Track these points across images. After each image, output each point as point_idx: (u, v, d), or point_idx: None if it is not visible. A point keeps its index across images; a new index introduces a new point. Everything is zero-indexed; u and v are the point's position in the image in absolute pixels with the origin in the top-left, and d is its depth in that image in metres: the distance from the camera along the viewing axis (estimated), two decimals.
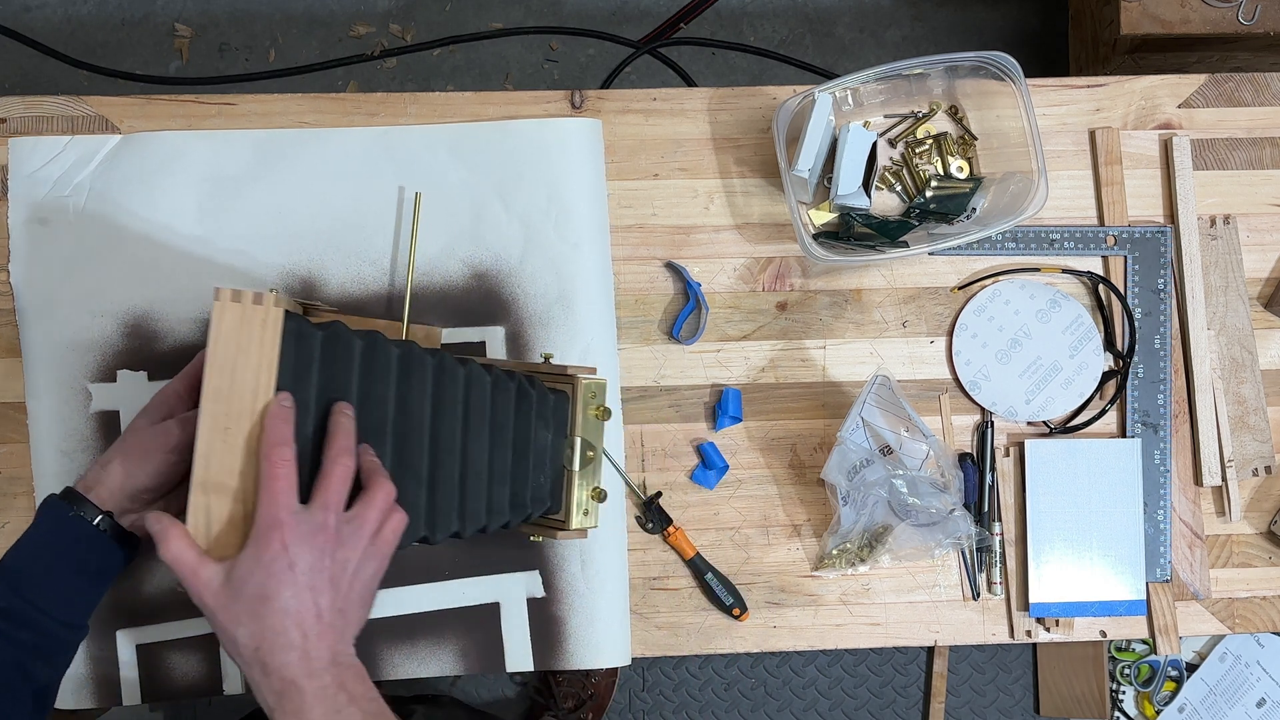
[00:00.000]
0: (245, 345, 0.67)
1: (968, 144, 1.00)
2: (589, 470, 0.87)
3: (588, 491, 0.87)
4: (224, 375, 0.66)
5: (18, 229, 0.94)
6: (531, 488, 0.85)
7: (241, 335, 0.66)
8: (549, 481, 0.86)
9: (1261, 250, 1.02)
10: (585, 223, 0.97)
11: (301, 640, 0.65)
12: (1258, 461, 1.00)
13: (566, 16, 1.82)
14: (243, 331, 0.67)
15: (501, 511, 0.83)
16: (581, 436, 0.86)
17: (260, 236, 0.95)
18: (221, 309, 0.66)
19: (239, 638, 0.64)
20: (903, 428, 0.95)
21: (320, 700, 0.64)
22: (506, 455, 0.83)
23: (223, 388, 0.66)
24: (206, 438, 0.66)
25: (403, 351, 0.76)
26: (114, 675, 0.92)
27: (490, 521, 0.82)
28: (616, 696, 1.67)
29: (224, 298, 0.66)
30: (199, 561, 0.65)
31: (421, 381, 0.77)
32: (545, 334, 0.96)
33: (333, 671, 0.65)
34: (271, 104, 0.98)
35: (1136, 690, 1.65)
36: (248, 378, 0.67)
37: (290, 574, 0.64)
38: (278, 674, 0.64)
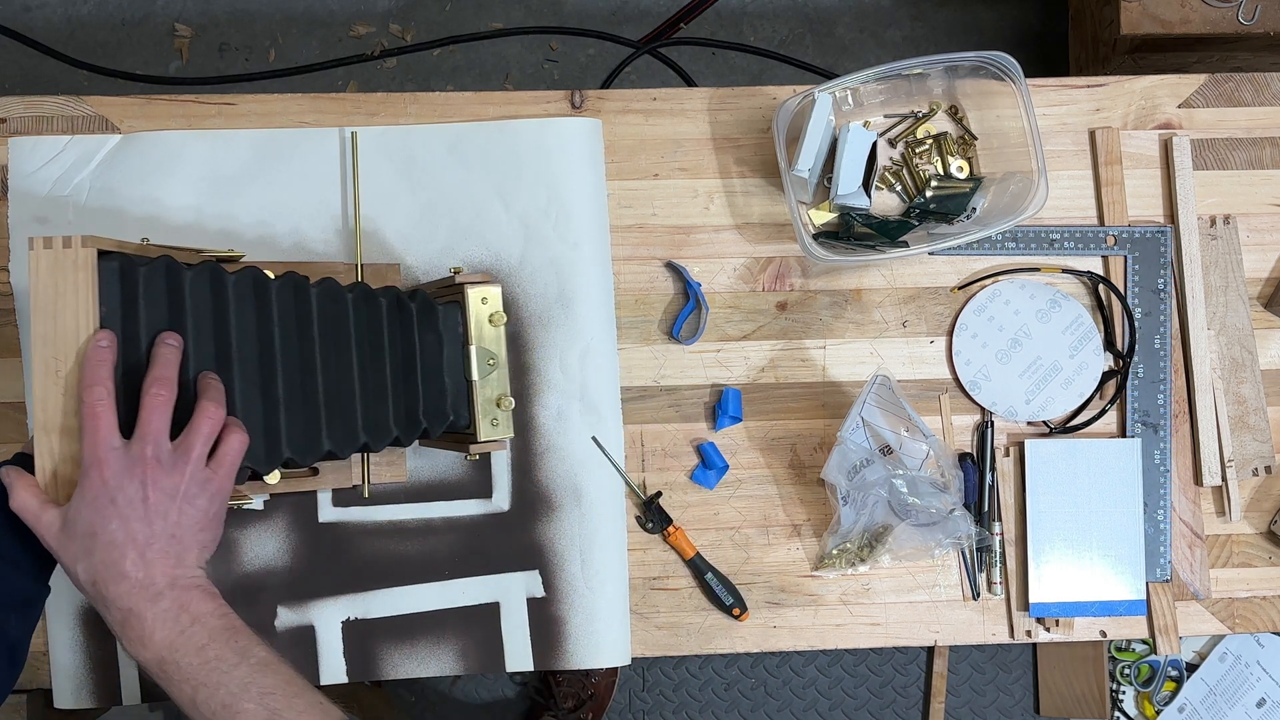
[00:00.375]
0: (62, 288, 0.69)
1: (968, 144, 1.00)
2: (491, 379, 0.86)
3: (493, 400, 0.86)
4: (47, 320, 0.69)
5: (18, 229, 0.94)
6: (425, 401, 0.85)
7: (58, 279, 0.69)
8: (451, 395, 0.87)
9: (1261, 250, 1.02)
10: (585, 223, 0.97)
11: (134, 569, 0.66)
12: (1258, 461, 1.00)
13: (566, 16, 1.82)
14: (58, 275, 0.69)
15: (386, 428, 0.83)
16: (478, 345, 0.85)
17: (260, 236, 0.95)
18: (36, 257, 0.69)
19: (79, 574, 0.66)
20: (903, 428, 0.95)
21: (162, 623, 0.66)
22: (384, 371, 0.83)
23: (48, 332, 0.69)
24: (40, 381, 0.69)
25: (238, 278, 0.76)
26: (114, 675, 0.93)
27: (374, 439, 0.82)
28: (616, 696, 1.67)
29: (37, 246, 0.69)
30: (41, 508, 0.67)
31: (266, 306, 0.77)
32: (545, 333, 0.96)
33: (171, 595, 0.67)
34: (271, 104, 0.98)
35: (1136, 690, 1.65)
36: (68, 320, 0.69)
37: (113, 508, 0.66)
38: (115, 604, 0.66)
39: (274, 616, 0.93)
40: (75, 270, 0.69)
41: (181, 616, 0.67)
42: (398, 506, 0.95)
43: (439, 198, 0.97)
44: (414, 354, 0.85)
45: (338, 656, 0.94)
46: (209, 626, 0.67)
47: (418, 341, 0.85)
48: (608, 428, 0.96)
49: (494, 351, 0.86)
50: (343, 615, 0.94)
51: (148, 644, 0.66)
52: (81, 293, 0.69)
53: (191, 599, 0.68)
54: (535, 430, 0.96)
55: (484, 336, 0.86)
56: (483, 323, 0.86)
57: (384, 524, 0.95)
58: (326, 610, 0.94)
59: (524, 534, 0.95)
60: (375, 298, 0.84)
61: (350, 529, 0.95)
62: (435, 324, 0.86)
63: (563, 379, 0.96)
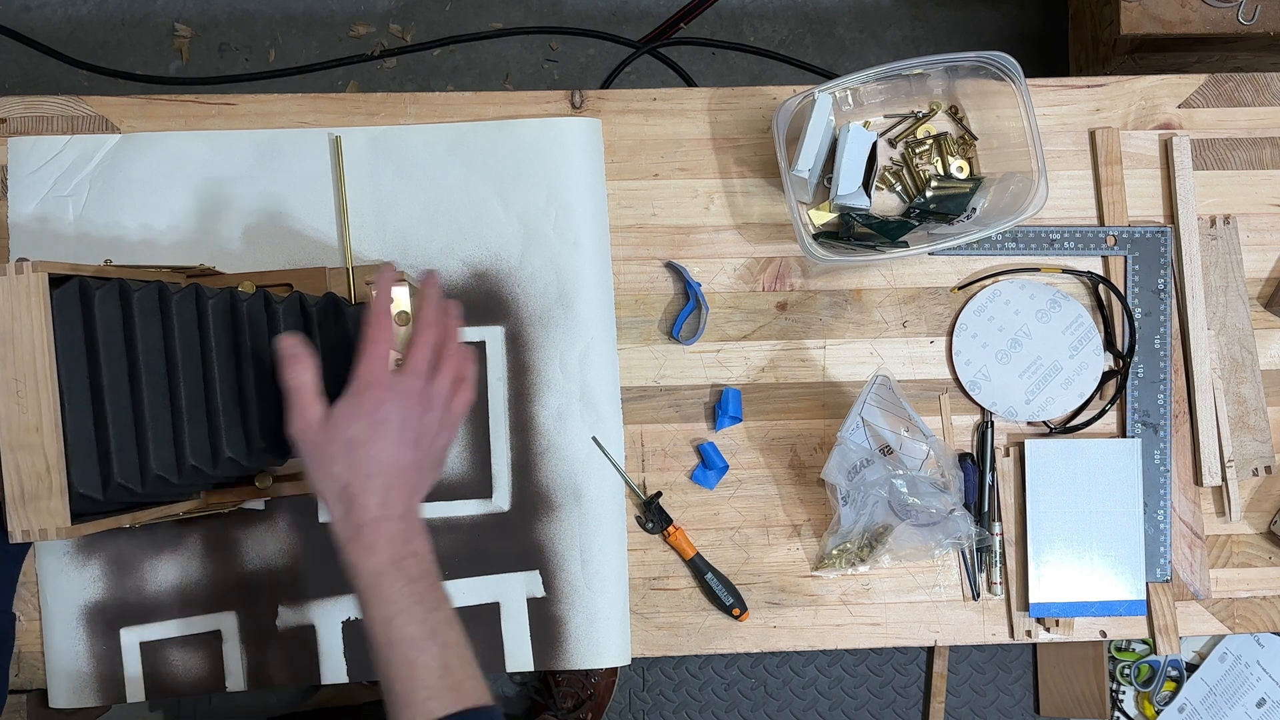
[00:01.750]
0: (18, 312, 0.72)
1: (968, 144, 1.00)
2: None
3: None
4: (5, 343, 0.72)
5: (18, 229, 0.94)
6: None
7: (13, 303, 0.72)
8: None
9: (1261, 250, 1.02)
10: (585, 222, 0.97)
11: (384, 488, 0.71)
12: (1258, 461, 1.00)
13: (566, 16, 1.82)
14: (13, 300, 0.72)
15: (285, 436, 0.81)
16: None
17: (259, 236, 0.95)
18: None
19: (332, 472, 0.70)
20: (903, 428, 0.95)
21: (390, 544, 0.70)
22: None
23: (6, 355, 0.72)
24: (4, 402, 0.72)
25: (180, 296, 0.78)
26: (117, 673, 0.93)
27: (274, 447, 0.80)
28: (616, 696, 1.67)
29: None
30: (315, 396, 0.72)
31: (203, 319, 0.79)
32: (545, 333, 0.96)
33: (404, 523, 0.71)
34: (271, 104, 0.98)
35: (1136, 690, 1.65)
36: (24, 340, 0.72)
37: (383, 428, 0.71)
38: (359, 512, 0.70)
39: (275, 616, 0.94)
40: (28, 294, 0.72)
41: (406, 545, 0.71)
42: None
43: (439, 198, 0.97)
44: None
45: (338, 656, 0.94)
46: (423, 563, 0.71)
47: (319, 345, 0.82)
48: (608, 428, 0.96)
49: (402, 353, 0.83)
50: (343, 615, 0.94)
51: (374, 554, 0.69)
52: (35, 315, 0.72)
53: (415, 532, 0.72)
54: (535, 430, 0.96)
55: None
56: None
57: None
58: (327, 610, 0.94)
59: (524, 534, 0.95)
60: (271, 304, 0.82)
61: None
62: (345, 326, 0.83)
63: (563, 379, 0.96)
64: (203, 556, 0.94)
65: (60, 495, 0.73)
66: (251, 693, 0.97)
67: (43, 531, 0.73)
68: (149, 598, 0.93)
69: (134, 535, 0.93)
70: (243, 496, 0.90)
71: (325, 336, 0.83)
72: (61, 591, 0.93)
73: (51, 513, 0.73)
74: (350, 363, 0.75)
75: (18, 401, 0.72)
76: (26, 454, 0.73)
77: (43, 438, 0.72)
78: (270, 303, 0.82)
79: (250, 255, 0.95)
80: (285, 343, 0.73)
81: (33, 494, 0.73)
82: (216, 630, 0.93)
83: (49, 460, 0.72)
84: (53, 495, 0.73)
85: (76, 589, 0.93)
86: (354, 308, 0.85)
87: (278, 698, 1.62)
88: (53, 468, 0.73)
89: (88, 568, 0.93)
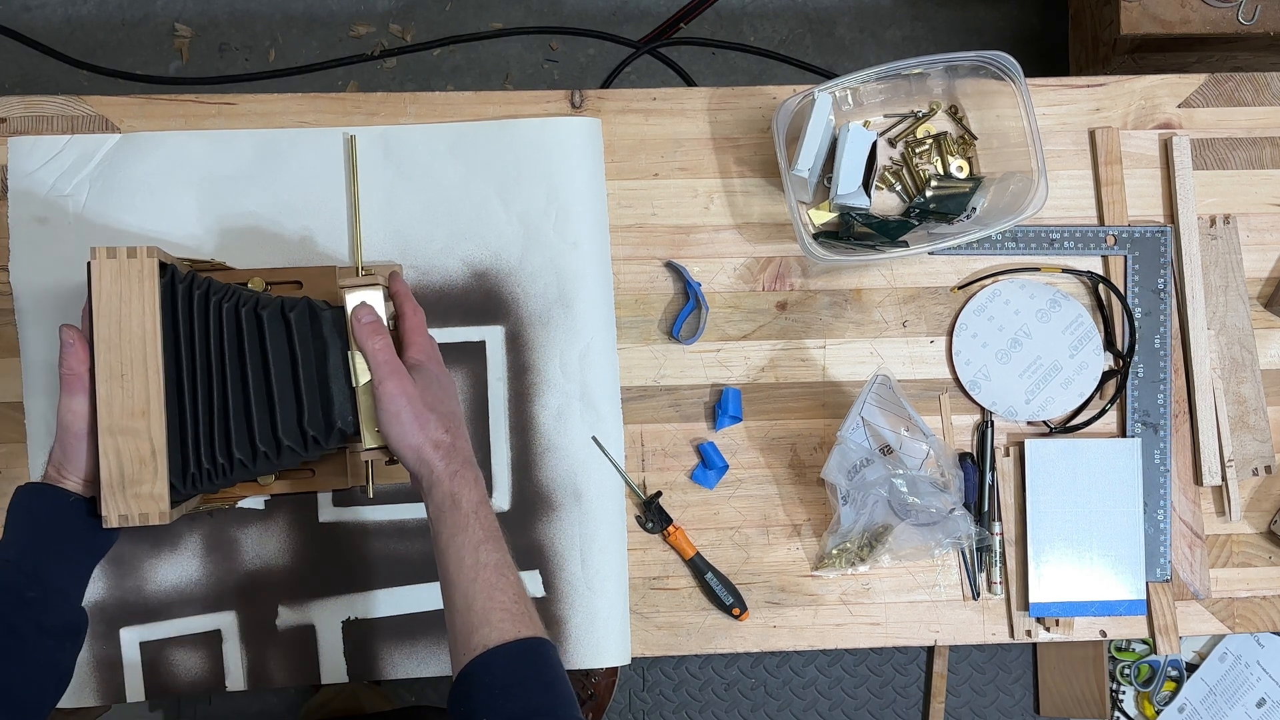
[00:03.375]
0: (127, 295, 0.74)
1: (968, 144, 1.00)
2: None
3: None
4: (112, 326, 0.74)
5: (18, 229, 0.94)
6: (309, 410, 0.82)
7: (122, 287, 0.74)
8: (338, 403, 0.83)
9: (1261, 250, 1.02)
10: (585, 222, 0.97)
11: (465, 437, 0.81)
12: (1258, 461, 1.00)
13: (566, 16, 1.82)
14: (123, 283, 0.74)
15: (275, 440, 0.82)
16: (359, 351, 0.81)
17: (260, 235, 0.95)
18: (100, 265, 0.74)
19: (430, 421, 0.78)
20: (903, 427, 0.95)
21: (479, 483, 0.78)
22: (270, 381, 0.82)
23: (112, 337, 0.74)
24: (106, 385, 0.74)
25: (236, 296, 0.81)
26: (118, 672, 0.93)
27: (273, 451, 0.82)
28: (616, 696, 1.67)
29: (100, 255, 0.74)
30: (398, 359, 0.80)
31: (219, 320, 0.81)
32: (545, 333, 0.96)
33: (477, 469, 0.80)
34: (271, 104, 0.98)
35: (1136, 690, 1.65)
36: (134, 324, 0.74)
37: (446, 391, 0.82)
38: (459, 454, 0.79)
39: (275, 615, 0.94)
40: (141, 280, 0.74)
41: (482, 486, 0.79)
42: (398, 506, 0.95)
43: (439, 198, 0.97)
44: (294, 363, 0.82)
45: (338, 656, 0.94)
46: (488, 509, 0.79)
47: (298, 350, 0.82)
48: (608, 427, 0.96)
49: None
50: (343, 615, 0.94)
51: (474, 488, 0.77)
52: (148, 299, 0.74)
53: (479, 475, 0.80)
54: (535, 430, 0.96)
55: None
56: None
57: (384, 524, 0.95)
58: (327, 610, 0.94)
59: (524, 534, 0.95)
60: (259, 308, 0.82)
61: (350, 529, 0.95)
62: (320, 330, 0.83)
63: (562, 379, 0.96)
64: (202, 556, 0.94)
65: (164, 480, 0.75)
66: (251, 693, 0.97)
67: (143, 516, 0.75)
68: (149, 597, 0.93)
69: (134, 535, 0.93)
70: (247, 492, 0.91)
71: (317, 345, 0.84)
72: None
73: (154, 498, 0.75)
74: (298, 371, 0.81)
75: (122, 385, 0.74)
76: (129, 438, 0.74)
77: (149, 422, 0.74)
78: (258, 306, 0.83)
79: (250, 254, 0.95)
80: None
81: (134, 479, 0.74)
82: (216, 630, 0.93)
83: (154, 445, 0.74)
84: (156, 480, 0.75)
85: None
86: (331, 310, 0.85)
87: (278, 698, 1.62)
88: (158, 452, 0.75)
89: None
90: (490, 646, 0.70)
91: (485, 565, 0.74)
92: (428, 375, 0.81)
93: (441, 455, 0.77)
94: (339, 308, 0.84)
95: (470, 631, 0.72)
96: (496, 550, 0.75)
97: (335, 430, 0.83)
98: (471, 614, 0.72)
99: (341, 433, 0.84)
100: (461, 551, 0.74)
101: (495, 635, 0.71)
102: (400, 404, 0.78)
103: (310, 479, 0.92)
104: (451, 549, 0.75)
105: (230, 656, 0.93)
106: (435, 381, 0.81)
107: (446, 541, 0.75)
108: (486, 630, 0.71)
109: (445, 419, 0.79)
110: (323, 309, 0.84)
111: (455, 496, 0.76)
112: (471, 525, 0.75)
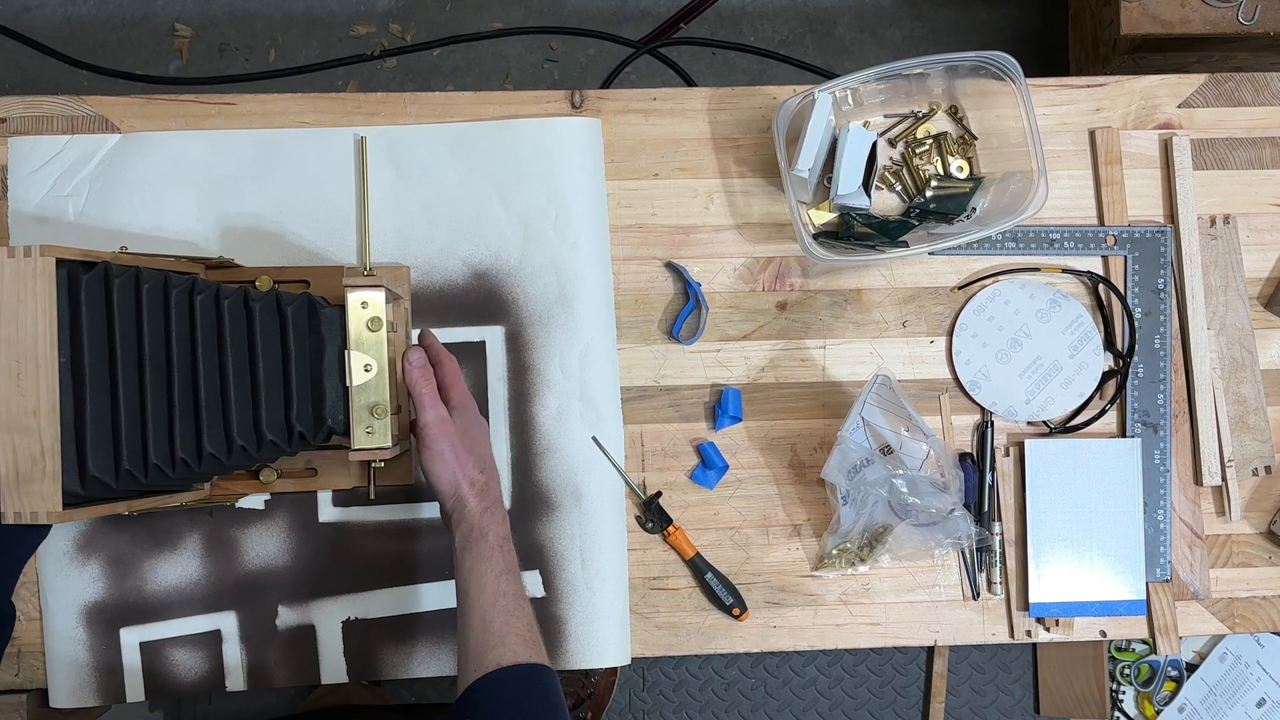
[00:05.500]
0: (24, 294, 0.73)
1: (968, 144, 1.00)
2: (369, 385, 0.83)
3: (368, 408, 0.83)
4: (9, 324, 0.73)
5: (18, 229, 0.94)
6: (298, 407, 0.82)
7: (19, 286, 0.73)
8: (330, 401, 0.83)
9: (1261, 250, 1.02)
10: (585, 222, 0.97)
11: (497, 477, 0.86)
12: (1258, 461, 1.00)
13: (566, 16, 1.82)
14: (19, 282, 0.73)
15: (259, 434, 0.82)
16: (355, 350, 0.83)
17: (260, 236, 0.95)
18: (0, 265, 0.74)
19: (469, 466, 0.82)
20: (903, 427, 0.95)
21: (505, 520, 0.83)
22: (257, 376, 0.82)
23: (10, 336, 0.73)
24: (4, 384, 0.74)
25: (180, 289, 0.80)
26: (118, 673, 0.93)
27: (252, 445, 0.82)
28: (616, 696, 1.67)
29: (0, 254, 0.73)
30: (439, 400, 0.84)
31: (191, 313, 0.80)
32: (545, 333, 0.96)
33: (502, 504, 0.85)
34: (271, 104, 0.98)
35: (1136, 690, 1.65)
36: (28, 324, 0.73)
37: (484, 434, 0.87)
38: (491, 489, 0.83)
39: (275, 615, 0.94)
40: (35, 278, 0.73)
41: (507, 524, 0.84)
42: (398, 506, 0.95)
43: (439, 198, 0.97)
44: (288, 358, 0.82)
45: (338, 656, 0.94)
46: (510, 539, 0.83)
47: (292, 346, 0.82)
48: (608, 428, 0.96)
49: (371, 358, 0.83)
50: (343, 615, 0.94)
51: (503, 523, 0.82)
52: (41, 300, 0.73)
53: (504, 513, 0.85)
54: (535, 430, 0.96)
55: (363, 342, 0.83)
56: (362, 328, 0.83)
57: (384, 524, 0.95)
58: (327, 610, 0.94)
59: (524, 534, 0.95)
60: (249, 301, 0.82)
61: (350, 529, 0.95)
62: (319, 327, 0.83)
63: (562, 379, 0.96)
64: (202, 556, 0.94)
65: (54, 479, 0.74)
66: (251, 693, 0.97)
67: (34, 514, 0.74)
68: (149, 597, 0.93)
69: (134, 535, 0.93)
70: (249, 489, 0.90)
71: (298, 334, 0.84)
72: (61, 591, 0.93)
73: (44, 496, 0.74)
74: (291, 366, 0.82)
75: (17, 384, 0.73)
76: (23, 436, 0.73)
77: (40, 421, 0.73)
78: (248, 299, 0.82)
79: (250, 254, 0.95)
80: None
81: (27, 476, 0.73)
82: (216, 630, 0.93)
83: (44, 444, 0.73)
84: (45, 479, 0.74)
85: (76, 589, 0.93)
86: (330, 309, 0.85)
87: (277, 698, 1.62)
88: (48, 452, 0.73)
89: (87, 567, 0.93)
90: (503, 665, 0.75)
91: (504, 594, 0.79)
92: (467, 418, 0.85)
93: (476, 494, 0.82)
94: (339, 305, 0.84)
95: (484, 650, 0.76)
96: (516, 583, 0.80)
97: (324, 427, 0.83)
98: (488, 634, 0.77)
99: (330, 430, 0.84)
100: (484, 578, 0.79)
101: (509, 656, 0.75)
102: (444, 445, 0.82)
103: (313, 478, 0.92)
104: (474, 574, 0.79)
105: (230, 656, 0.93)
106: (474, 423, 0.86)
107: (470, 568, 0.80)
108: (500, 650, 0.76)
109: (481, 461, 0.84)
110: (323, 305, 0.84)
111: (484, 530, 0.81)
112: (495, 556, 0.80)
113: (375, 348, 0.83)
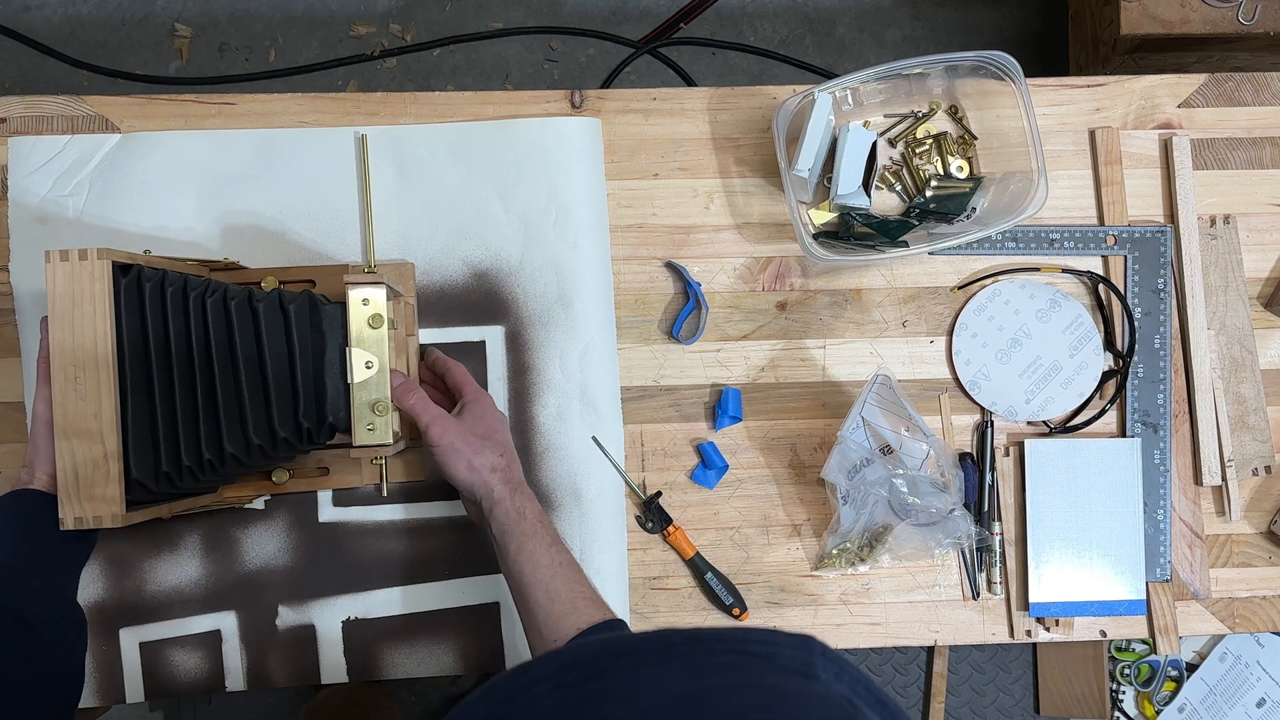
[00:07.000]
0: (79, 298, 0.73)
1: (968, 144, 1.00)
2: (370, 383, 0.83)
3: (369, 404, 0.83)
4: (65, 329, 0.73)
5: (18, 229, 0.94)
6: (303, 404, 0.82)
7: (75, 290, 0.73)
8: (331, 398, 0.83)
9: (1261, 250, 1.02)
10: (585, 222, 0.97)
11: (517, 460, 0.87)
12: (1258, 461, 1.00)
13: (566, 16, 1.82)
14: (75, 286, 0.73)
15: (272, 431, 0.82)
16: (356, 347, 0.82)
17: (260, 236, 0.95)
18: (53, 269, 0.74)
19: (485, 449, 0.84)
20: (903, 427, 0.95)
21: (534, 497, 0.85)
22: (266, 375, 0.82)
23: (66, 341, 0.74)
24: (60, 388, 0.74)
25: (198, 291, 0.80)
26: (117, 673, 0.93)
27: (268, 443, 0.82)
28: None
29: (54, 259, 0.73)
30: (433, 405, 0.85)
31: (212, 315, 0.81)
32: (545, 333, 0.96)
33: (528, 487, 0.86)
34: (271, 104, 0.98)
35: (1136, 690, 1.65)
36: (85, 328, 0.74)
37: (500, 422, 0.89)
38: (513, 474, 0.85)
39: (275, 615, 0.94)
40: (91, 281, 0.73)
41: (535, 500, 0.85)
42: (398, 506, 0.95)
43: (439, 197, 0.97)
44: (293, 357, 0.82)
45: (338, 656, 0.94)
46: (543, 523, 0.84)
47: (295, 344, 0.82)
48: (608, 427, 0.96)
49: (372, 355, 0.83)
50: (343, 615, 0.94)
51: (535, 503, 0.84)
52: (99, 303, 0.73)
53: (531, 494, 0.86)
54: (535, 430, 0.96)
55: (364, 339, 0.83)
56: (363, 325, 0.83)
57: (384, 524, 0.95)
58: (327, 610, 0.94)
59: None
60: (254, 301, 0.82)
61: (350, 529, 0.95)
62: (320, 324, 0.83)
63: (562, 379, 0.96)
64: (202, 556, 0.94)
65: (117, 483, 0.75)
66: (251, 693, 0.97)
67: (96, 519, 0.75)
68: (149, 598, 0.93)
69: (133, 535, 0.93)
70: (262, 490, 0.91)
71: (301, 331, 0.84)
72: None
73: (107, 500, 0.74)
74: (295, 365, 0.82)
75: (75, 388, 0.73)
76: (82, 441, 0.73)
77: (101, 424, 0.73)
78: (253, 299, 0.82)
79: (250, 254, 0.95)
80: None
81: (88, 481, 0.74)
82: (216, 630, 0.93)
83: (106, 448, 0.74)
84: (109, 482, 0.74)
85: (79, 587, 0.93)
86: (331, 306, 0.85)
87: (278, 698, 1.62)
88: (110, 455, 0.74)
89: (87, 568, 0.93)
90: (583, 628, 0.75)
91: (561, 563, 0.80)
92: (477, 411, 0.87)
93: (500, 478, 0.83)
94: (339, 303, 0.84)
95: (559, 620, 0.76)
96: (566, 552, 0.81)
97: (326, 424, 0.84)
98: (557, 604, 0.77)
99: (332, 427, 0.84)
100: (535, 554, 0.80)
101: (585, 619, 0.76)
102: (452, 438, 0.83)
103: (326, 477, 0.92)
104: (524, 554, 0.80)
105: (230, 657, 0.93)
106: (487, 413, 0.87)
107: (517, 549, 0.80)
108: (575, 616, 0.76)
109: (500, 446, 0.86)
110: (324, 303, 0.84)
111: (520, 510, 0.82)
112: (539, 532, 0.81)
113: (376, 345, 0.83)
